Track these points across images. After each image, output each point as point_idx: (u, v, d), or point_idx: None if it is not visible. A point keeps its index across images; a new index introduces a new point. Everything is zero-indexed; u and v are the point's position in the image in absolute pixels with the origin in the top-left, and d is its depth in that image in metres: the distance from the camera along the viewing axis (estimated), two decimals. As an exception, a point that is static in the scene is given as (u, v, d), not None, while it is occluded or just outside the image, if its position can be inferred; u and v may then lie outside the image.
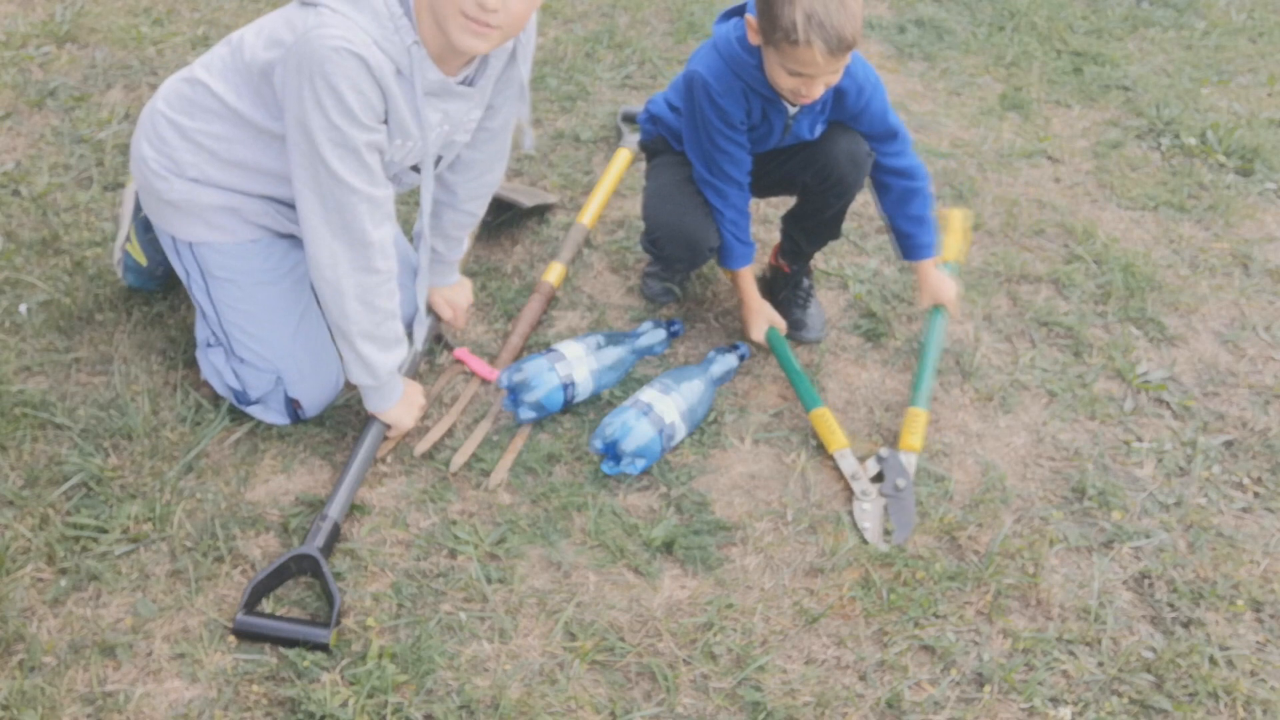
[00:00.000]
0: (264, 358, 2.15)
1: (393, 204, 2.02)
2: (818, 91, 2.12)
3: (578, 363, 2.30)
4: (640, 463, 2.17)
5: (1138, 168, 3.35)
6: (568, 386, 2.28)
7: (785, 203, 2.62)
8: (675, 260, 2.51)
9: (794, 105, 2.26)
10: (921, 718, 1.83)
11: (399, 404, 2.18)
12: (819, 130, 2.36)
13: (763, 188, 2.49)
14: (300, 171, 1.93)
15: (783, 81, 2.13)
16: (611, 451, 2.18)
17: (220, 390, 2.24)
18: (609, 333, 2.44)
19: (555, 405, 2.28)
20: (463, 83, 2.02)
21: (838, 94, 2.28)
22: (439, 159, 2.16)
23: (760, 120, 2.31)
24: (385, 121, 1.93)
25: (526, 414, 2.27)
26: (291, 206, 2.12)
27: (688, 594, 1.99)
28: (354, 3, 1.84)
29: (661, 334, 2.50)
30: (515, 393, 2.27)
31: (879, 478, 2.21)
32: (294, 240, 2.20)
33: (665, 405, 2.22)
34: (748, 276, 2.51)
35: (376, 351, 2.08)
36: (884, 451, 2.25)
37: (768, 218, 2.92)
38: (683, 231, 2.41)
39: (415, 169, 2.12)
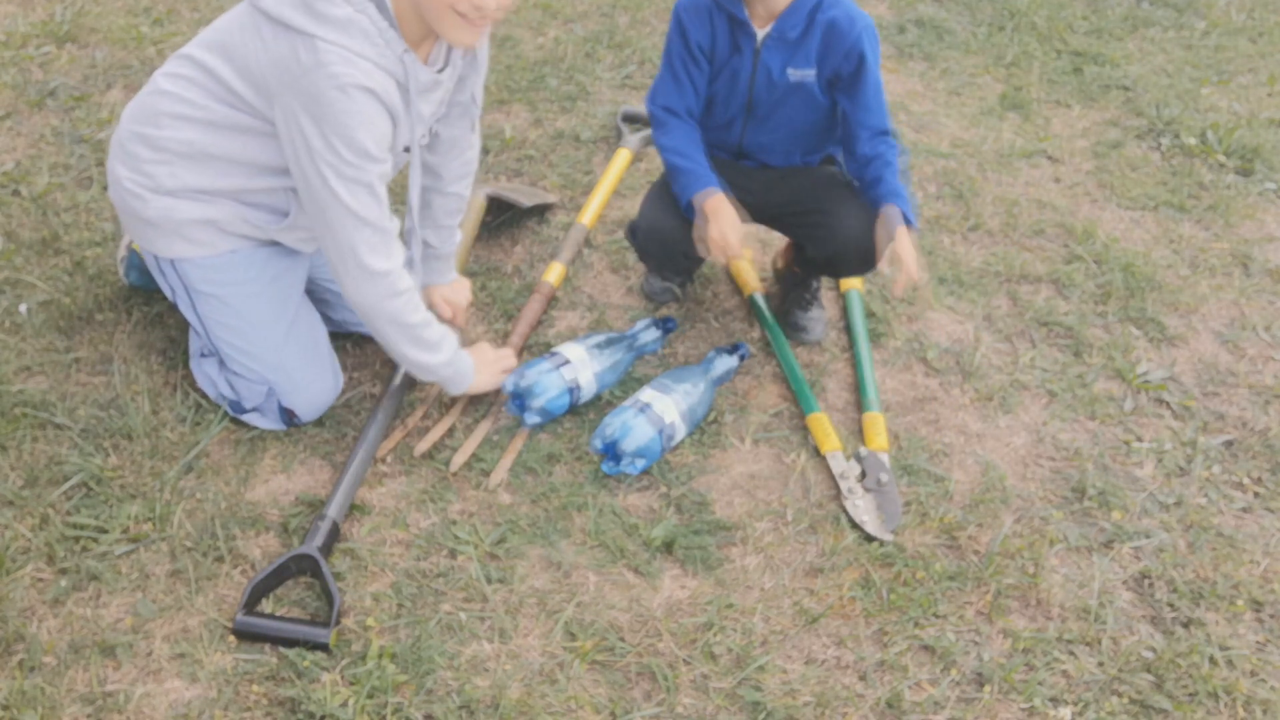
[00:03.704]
0: (254, 370, 2.16)
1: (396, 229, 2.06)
2: None
3: (581, 366, 2.30)
4: (640, 462, 2.17)
5: (1138, 168, 3.35)
6: (573, 390, 2.28)
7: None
8: (647, 254, 2.53)
9: (759, 27, 2.20)
10: (921, 718, 1.83)
11: (478, 377, 2.25)
12: (792, 73, 2.24)
13: (766, 217, 2.46)
14: (313, 209, 1.97)
15: None
16: (611, 451, 2.18)
17: (216, 399, 2.25)
18: (607, 333, 2.44)
19: (561, 409, 2.28)
20: (439, 71, 2.04)
21: (827, 27, 2.19)
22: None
23: (730, 52, 2.25)
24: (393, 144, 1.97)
25: (532, 419, 2.26)
26: (266, 210, 2.13)
27: (688, 594, 1.99)
28: (343, 28, 1.83)
29: (657, 332, 2.50)
30: (521, 398, 2.27)
31: (862, 475, 2.22)
32: (276, 248, 2.21)
33: (665, 405, 2.22)
34: (715, 198, 2.25)
35: (424, 354, 2.13)
36: (862, 450, 2.26)
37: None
38: (658, 229, 2.42)
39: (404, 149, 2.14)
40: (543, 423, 2.28)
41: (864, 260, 2.32)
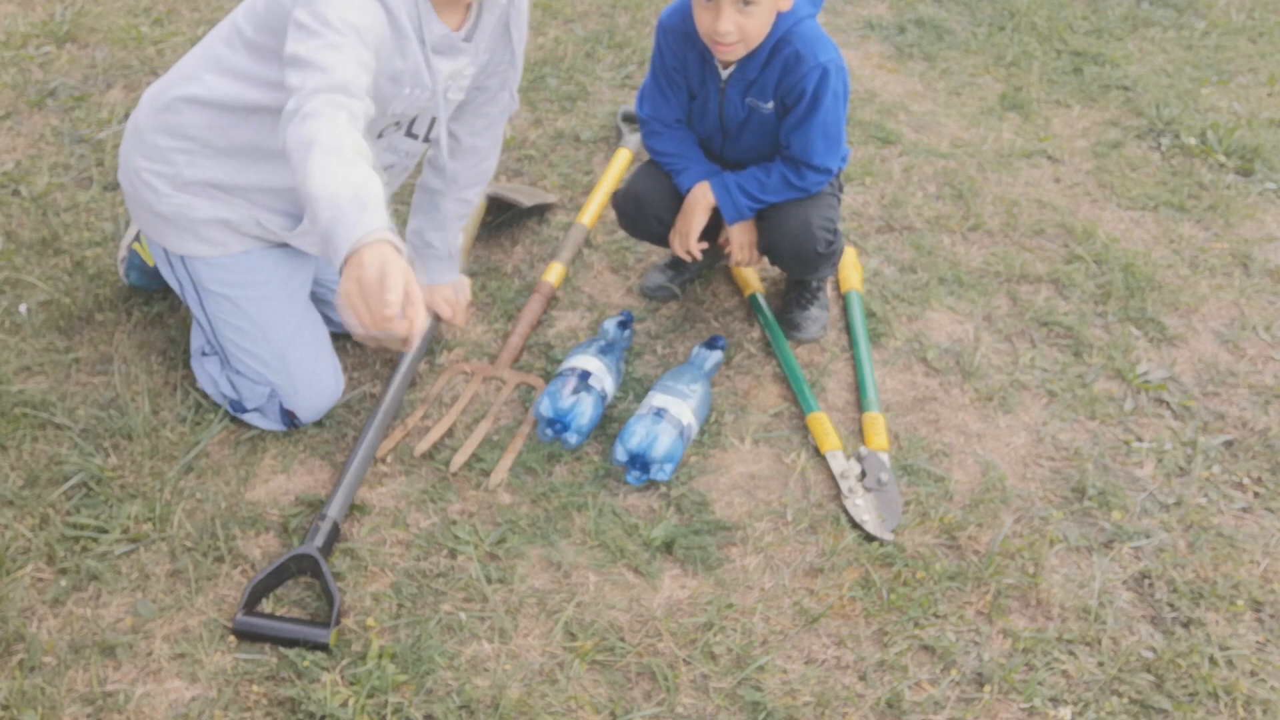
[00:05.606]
0: (259, 372, 2.16)
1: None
2: (724, 26, 2.10)
3: (602, 375, 2.31)
4: (669, 468, 2.17)
5: (1138, 168, 3.35)
6: (603, 399, 2.29)
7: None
8: (624, 213, 2.54)
9: (723, 65, 2.26)
10: (921, 718, 1.83)
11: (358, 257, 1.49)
12: (750, 103, 2.29)
13: None
14: None
15: (699, 17, 2.15)
16: (639, 462, 2.16)
17: (216, 398, 2.25)
18: (592, 341, 2.41)
19: (596, 422, 2.28)
20: (464, 40, 2.02)
21: (784, 62, 2.22)
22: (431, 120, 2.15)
23: (700, 82, 2.33)
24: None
25: (575, 439, 2.23)
26: (281, 214, 2.11)
27: (688, 594, 1.99)
28: None
29: (624, 330, 2.49)
30: (562, 421, 2.22)
31: (862, 475, 2.22)
32: (287, 250, 2.20)
33: (679, 407, 2.23)
34: (699, 187, 2.42)
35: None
36: (863, 450, 2.26)
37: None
38: (636, 189, 2.49)
39: (411, 135, 2.12)
40: (582, 441, 2.26)
41: (797, 257, 2.42)
